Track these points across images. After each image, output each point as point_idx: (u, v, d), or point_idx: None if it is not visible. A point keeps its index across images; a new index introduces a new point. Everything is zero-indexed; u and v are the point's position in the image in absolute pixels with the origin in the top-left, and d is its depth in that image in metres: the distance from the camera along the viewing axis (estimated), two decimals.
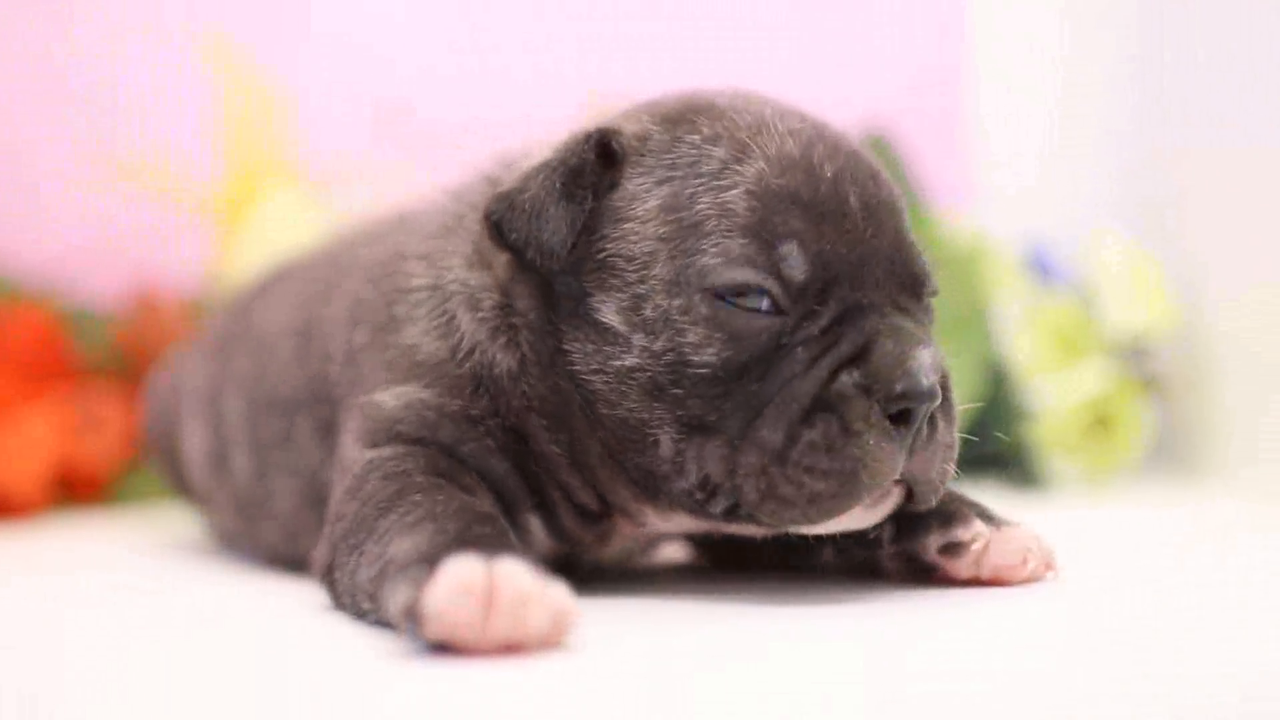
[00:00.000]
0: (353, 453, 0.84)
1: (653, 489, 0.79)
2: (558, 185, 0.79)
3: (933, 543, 0.82)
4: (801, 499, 0.73)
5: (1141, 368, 1.48)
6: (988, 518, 0.83)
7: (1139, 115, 1.66)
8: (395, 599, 0.67)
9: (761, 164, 0.77)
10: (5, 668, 0.72)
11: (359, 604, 0.76)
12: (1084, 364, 1.42)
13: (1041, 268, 1.51)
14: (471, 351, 0.83)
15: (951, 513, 0.83)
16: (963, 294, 1.43)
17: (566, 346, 0.79)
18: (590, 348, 0.79)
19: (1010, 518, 0.85)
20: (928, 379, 0.73)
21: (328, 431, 0.92)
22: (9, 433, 1.38)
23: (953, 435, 0.77)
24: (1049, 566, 0.83)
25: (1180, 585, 0.87)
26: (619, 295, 0.78)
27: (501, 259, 0.82)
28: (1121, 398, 1.42)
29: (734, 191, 0.76)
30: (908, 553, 0.84)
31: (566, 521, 0.84)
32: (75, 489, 1.45)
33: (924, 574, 0.83)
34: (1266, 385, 1.38)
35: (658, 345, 0.76)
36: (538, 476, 0.83)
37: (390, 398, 0.84)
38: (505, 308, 0.82)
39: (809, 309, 0.75)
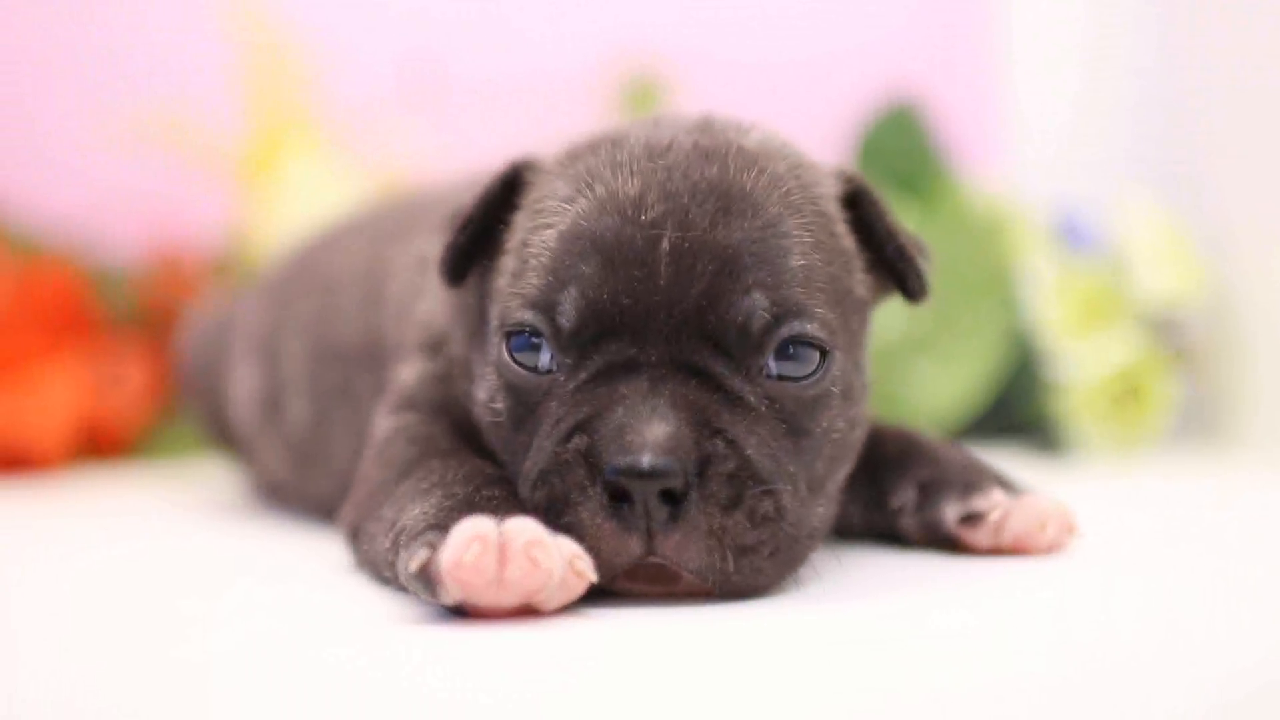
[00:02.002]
0: (380, 420, 0.86)
1: None
2: (472, 214, 0.78)
3: (952, 513, 0.82)
4: None
5: (1170, 336, 1.46)
6: (1008, 487, 0.83)
7: (1169, 79, 1.63)
8: (410, 564, 0.67)
9: (583, 204, 0.73)
10: (24, 617, 0.73)
11: (380, 572, 0.76)
12: (1113, 331, 1.41)
13: (1071, 233, 1.50)
14: (443, 334, 0.85)
15: (971, 482, 0.82)
16: (984, 263, 1.41)
17: (473, 361, 0.80)
18: (477, 373, 0.79)
19: (1031, 486, 0.85)
20: (650, 457, 0.66)
21: (382, 391, 0.93)
22: (32, 389, 1.39)
23: (733, 519, 0.68)
24: (1070, 533, 0.82)
25: (1205, 554, 0.86)
26: (490, 328, 0.77)
27: None
28: (1150, 366, 1.41)
29: (550, 232, 0.73)
30: (928, 522, 0.83)
31: None
32: (99, 444, 1.45)
33: (945, 542, 0.83)
34: None
35: (491, 383, 0.76)
36: None
37: (410, 370, 0.86)
38: (465, 302, 0.83)
39: (573, 363, 0.71)
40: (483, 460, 0.77)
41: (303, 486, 1.06)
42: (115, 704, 0.55)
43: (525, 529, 0.66)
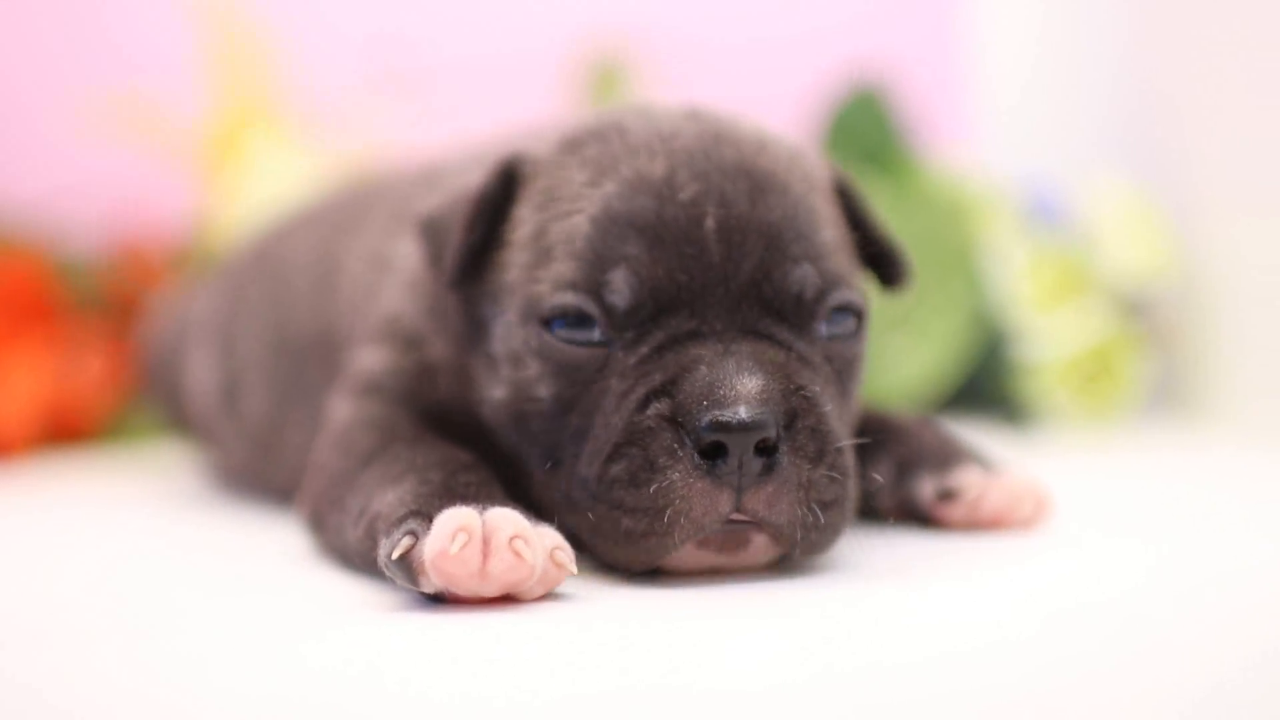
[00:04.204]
0: (338, 407, 0.85)
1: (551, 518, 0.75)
2: (464, 213, 0.77)
3: (928, 489, 0.82)
4: (619, 536, 0.69)
5: (1140, 312, 1.47)
6: (984, 464, 0.83)
7: (1138, 55, 1.64)
8: (393, 552, 0.66)
9: (611, 187, 0.73)
10: None
11: (349, 560, 0.76)
12: (1083, 307, 1.41)
13: (1041, 210, 1.50)
14: (413, 330, 0.84)
15: (947, 459, 0.83)
16: (954, 240, 1.41)
17: (471, 366, 0.79)
18: (482, 375, 0.78)
19: (1006, 462, 0.85)
20: (747, 409, 0.66)
21: (334, 380, 0.91)
22: None
23: (818, 472, 0.69)
24: (1045, 510, 0.83)
25: (1183, 528, 0.86)
26: (499, 323, 0.76)
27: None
28: (1119, 342, 1.41)
29: (578, 217, 0.73)
30: (904, 499, 0.83)
31: None
32: (62, 431, 1.44)
33: (921, 519, 0.83)
34: (1265, 326, 1.37)
35: (517, 377, 0.74)
36: None
37: (373, 357, 0.85)
38: (441, 307, 0.82)
39: (631, 337, 0.71)
40: (451, 447, 0.77)
41: (262, 474, 1.05)
42: (89, 693, 0.55)
43: (508, 521, 0.65)
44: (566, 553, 0.67)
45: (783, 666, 0.56)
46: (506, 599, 0.66)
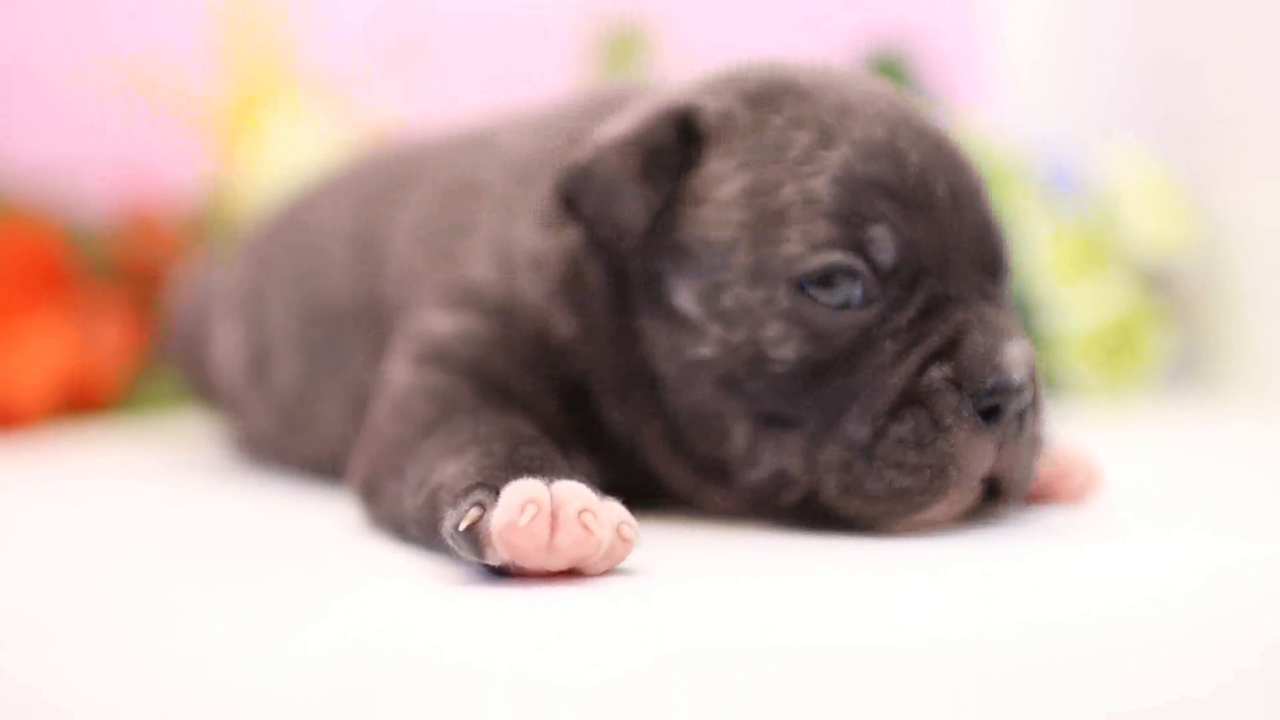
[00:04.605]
0: (398, 372, 0.83)
1: (719, 478, 0.77)
2: (637, 164, 0.75)
3: None
4: (888, 494, 0.71)
5: (1162, 285, 1.47)
6: None
7: (1157, 21, 1.63)
8: (460, 523, 0.65)
9: (846, 150, 0.74)
10: (10, 586, 0.70)
11: (407, 531, 0.75)
12: (1104, 278, 1.41)
13: (1058, 179, 1.49)
14: (530, 310, 0.81)
15: None
16: None
17: (639, 325, 0.77)
18: (663, 333, 0.76)
19: (1055, 434, 0.85)
20: (1019, 374, 0.71)
21: (378, 351, 0.90)
22: (12, 346, 1.37)
23: (1041, 429, 0.75)
24: (1096, 482, 0.83)
25: (1237, 502, 0.87)
26: (695, 281, 0.75)
27: (571, 228, 0.80)
28: (1142, 316, 1.41)
29: (819, 179, 0.73)
30: None
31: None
32: (80, 401, 1.43)
33: None
34: None
35: (735, 337, 0.74)
36: (594, 429, 0.81)
37: (443, 322, 0.83)
38: (572, 276, 0.80)
39: (897, 298, 0.73)
40: (513, 418, 0.76)
41: (290, 445, 1.04)
42: (118, 675, 0.53)
43: (576, 494, 0.65)
44: (632, 527, 0.66)
45: (931, 623, 0.56)
46: (570, 573, 0.66)
